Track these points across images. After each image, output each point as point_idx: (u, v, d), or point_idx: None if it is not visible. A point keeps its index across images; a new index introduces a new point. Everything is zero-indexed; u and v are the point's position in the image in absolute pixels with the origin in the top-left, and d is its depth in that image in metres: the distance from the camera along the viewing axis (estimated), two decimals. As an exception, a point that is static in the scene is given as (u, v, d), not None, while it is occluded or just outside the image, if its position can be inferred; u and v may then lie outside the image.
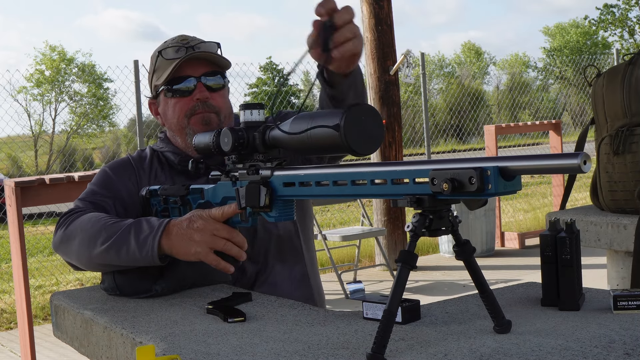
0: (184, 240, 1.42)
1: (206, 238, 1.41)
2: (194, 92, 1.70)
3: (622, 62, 2.08)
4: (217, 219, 1.43)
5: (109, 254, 1.48)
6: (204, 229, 1.42)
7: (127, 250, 1.46)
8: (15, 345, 4.59)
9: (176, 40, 1.75)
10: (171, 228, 1.45)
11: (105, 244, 1.48)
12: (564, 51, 43.36)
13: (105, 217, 1.56)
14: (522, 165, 0.91)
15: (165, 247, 1.45)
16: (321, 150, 1.12)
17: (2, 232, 9.13)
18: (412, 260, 0.99)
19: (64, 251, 1.61)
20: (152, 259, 1.45)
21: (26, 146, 22.32)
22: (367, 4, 6.29)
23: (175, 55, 1.70)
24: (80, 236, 1.54)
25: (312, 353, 1.08)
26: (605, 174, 2.07)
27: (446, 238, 6.57)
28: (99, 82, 28.68)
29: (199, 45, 1.71)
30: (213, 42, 1.75)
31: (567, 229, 1.21)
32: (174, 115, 1.73)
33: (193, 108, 1.71)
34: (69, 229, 1.58)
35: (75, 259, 1.58)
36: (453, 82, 35.15)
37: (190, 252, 1.42)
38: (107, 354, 1.37)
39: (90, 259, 1.53)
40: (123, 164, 1.78)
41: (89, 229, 1.53)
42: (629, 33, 30.59)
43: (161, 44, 1.77)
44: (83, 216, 1.58)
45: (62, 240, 1.59)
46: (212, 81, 1.72)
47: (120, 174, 1.74)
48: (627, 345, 0.99)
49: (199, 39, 1.75)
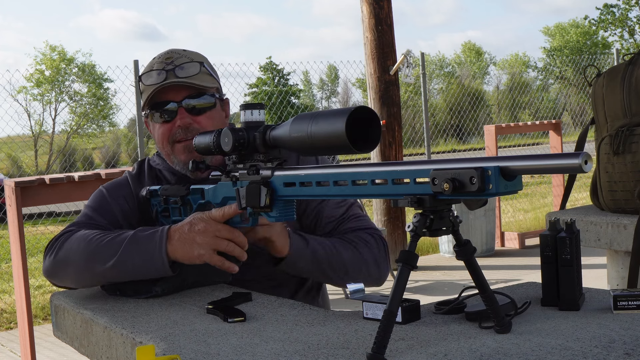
0: (186, 244, 1.42)
1: (208, 240, 1.41)
2: (175, 118, 1.64)
3: (622, 62, 2.08)
4: (218, 220, 1.43)
5: (112, 273, 1.47)
6: (205, 231, 1.42)
7: (132, 266, 1.45)
8: (15, 345, 4.59)
9: (162, 58, 1.67)
10: (172, 234, 1.44)
11: (106, 263, 1.46)
12: (564, 51, 43.36)
13: (96, 235, 1.51)
14: (523, 165, 0.91)
15: (170, 254, 1.44)
16: (322, 150, 1.12)
17: (2, 232, 9.13)
18: (412, 260, 0.99)
19: (59, 278, 1.57)
20: (163, 270, 1.45)
21: (26, 146, 22.32)
22: (367, 4, 6.29)
23: (156, 79, 1.63)
24: (75, 261, 1.51)
25: (312, 353, 1.08)
26: (605, 174, 2.06)
27: (446, 238, 6.57)
28: (99, 82, 28.68)
29: (183, 66, 1.63)
30: (196, 61, 1.66)
31: (567, 229, 1.21)
32: (159, 140, 1.68)
33: (174, 135, 1.64)
34: (60, 255, 1.54)
35: (72, 283, 1.56)
36: (453, 82, 35.16)
37: (193, 255, 1.43)
38: (107, 354, 1.37)
39: (91, 281, 1.52)
40: (120, 185, 1.74)
41: (83, 251, 1.49)
42: (629, 33, 30.59)
43: (149, 63, 1.70)
44: (71, 238, 1.54)
45: (55, 267, 1.55)
46: (196, 102, 1.64)
47: (116, 195, 1.70)
48: (627, 345, 0.99)
49: (185, 58, 1.67)
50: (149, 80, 1.65)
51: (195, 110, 1.64)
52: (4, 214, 4.21)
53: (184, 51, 1.70)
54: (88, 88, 29.00)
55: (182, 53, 1.69)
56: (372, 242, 1.61)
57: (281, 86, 34.42)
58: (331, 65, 37.90)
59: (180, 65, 1.64)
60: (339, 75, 53.74)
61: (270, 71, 36.35)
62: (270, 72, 36.43)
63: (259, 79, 35.79)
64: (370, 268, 1.60)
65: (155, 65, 1.67)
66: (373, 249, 1.60)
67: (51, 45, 31.00)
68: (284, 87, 33.25)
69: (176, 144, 1.65)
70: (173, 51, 1.70)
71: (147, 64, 1.71)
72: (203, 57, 1.72)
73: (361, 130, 1.09)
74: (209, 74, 1.68)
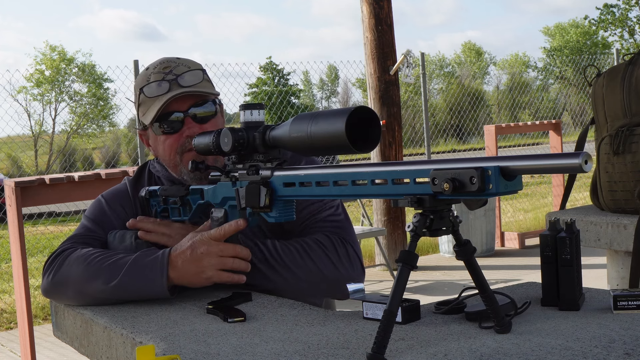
0: (192, 269, 1.42)
1: (214, 261, 1.42)
2: (182, 128, 1.60)
3: (622, 62, 2.08)
4: (219, 239, 1.42)
5: (111, 295, 1.47)
6: (209, 253, 1.41)
7: (132, 291, 1.45)
8: (15, 345, 4.59)
9: (158, 69, 1.62)
10: (175, 260, 1.43)
11: (106, 286, 1.45)
12: (564, 51, 43.37)
13: (96, 256, 1.50)
14: (523, 165, 0.91)
15: (175, 279, 1.44)
16: (322, 150, 1.12)
17: (2, 232, 9.13)
18: (412, 260, 0.99)
19: (58, 298, 1.57)
20: (163, 295, 1.44)
21: (26, 146, 22.32)
22: (367, 4, 6.29)
23: (158, 91, 1.58)
24: (74, 282, 1.49)
25: (312, 353, 1.08)
26: (605, 174, 2.06)
27: (446, 238, 6.57)
28: (99, 82, 28.67)
29: (183, 76, 1.60)
30: (198, 69, 1.63)
31: (567, 229, 1.21)
32: (164, 152, 1.63)
33: (183, 145, 1.60)
34: (59, 276, 1.52)
35: (73, 302, 1.55)
36: (453, 82, 35.16)
37: (202, 278, 1.43)
38: (107, 354, 1.37)
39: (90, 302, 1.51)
40: (119, 193, 1.72)
41: (83, 273, 1.48)
42: (629, 33, 30.58)
43: (143, 74, 1.64)
44: (69, 258, 1.52)
45: (53, 287, 1.54)
46: (201, 111, 1.61)
47: (115, 205, 1.69)
48: (627, 345, 0.99)
49: (183, 66, 1.62)
50: (151, 92, 1.60)
51: (201, 119, 1.61)
52: (4, 214, 4.21)
53: (178, 59, 1.66)
54: (88, 88, 28.99)
55: (177, 61, 1.64)
56: (327, 243, 1.54)
57: (281, 86, 34.42)
58: (331, 65, 37.97)
59: (182, 75, 1.60)
60: (339, 75, 53.82)
61: (270, 71, 36.36)
62: (270, 72, 36.43)
63: (259, 79, 35.80)
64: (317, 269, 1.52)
65: (153, 76, 1.61)
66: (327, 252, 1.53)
67: (51, 45, 31.00)
68: (284, 87, 33.25)
69: (185, 153, 1.61)
70: (168, 60, 1.65)
71: (141, 75, 1.65)
72: (199, 64, 1.68)
73: (361, 130, 1.09)
74: (208, 81, 1.65)
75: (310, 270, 1.51)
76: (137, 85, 1.66)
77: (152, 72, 1.63)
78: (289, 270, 1.50)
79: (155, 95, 1.59)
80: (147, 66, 1.67)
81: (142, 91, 1.62)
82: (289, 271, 1.50)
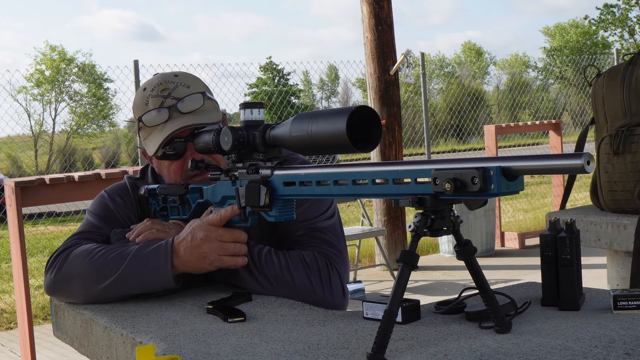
0: (194, 255, 1.43)
1: (214, 247, 1.43)
2: (185, 153, 1.57)
3: (622, 62, 2.08)
4: (217, 224, 1.43)
5: (115, 288, 1.47)
6: (208, 239, 1.42)
7: (137, 282, 1.45)
8: (15, 345, 4.59)
9: (156, 91, 1.56)
10: (178, 247, 1.44)
11: (110, 279, 1.46)
12: (564, 51, 43.37)
13: (99, 250, 1.50)
14: (525, 165, 0.91)
15: (179, 267, 1.45)
16: (323, 149, 1.12)
17: (2, 232, 9.13)
18: (413, 260, 0.99)
19: (62, 295, 1.56)
20: (168, 284, 1.45)
21: (26, 146, 22.31)
22: (367, 4, 6.29)
23: (157, 119, 1.54)
24: (78, 278, 1.49)
25: (312, 353, 1.08)
26: (605, 174, 2.06)
27: (446, 238, 6.57)
28: (99, 82, 28.67)
29: (183, 100, 1.54)
30: (197, 92, 1.57)
31: (567, 229, 1.21)
32: (169, 176, 1.61)
33: (188, 171, 1.57)
34: (62, 273, 1.52)
35: (76, 299, 1.55)
36: (453, 82, 35.17)
37: (204, 264, 1.44)
38: (107, 354, 1.37)
39: (94, 297, 1.51)
40: (121, 189, 1.72)
41: (86, 268, 1.48)
42: (629, 33, 30.59)
43: (140, 96, 1.59)
44: (72, 254, 1.52)
45: (56, 284, 1.53)
46: None
47: (117, 200, 1.69)
48: (627, 345, 0.99)
49: (182, 87, 1.57)
50: (150, 121, 1.55)
51: None
52: (4, 214, 4.21)
53: (176, 77, 1.60)
54: (88, 88, 28.98)
55: (175, 80, 1.58)
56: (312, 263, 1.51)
57: (281, 86, 34.43)
58: (331, 65, 37.93)
59: (182, 100, 1.55)
60: (339, 75, 53.85)
61: (270, 71, 36.38)
62: (270, 72, 36.45)
63: (259, 79, 35.82)
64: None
65: (151, 101, 1.56)
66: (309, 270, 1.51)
67: (51, 45, 31.00)
68: (284, 87, 33.25)
69: (191, 178, 1.59)
70: (165, 80, 1.59)
71: (138, 96, 1.60)
72: (200, 83, 1.61)
73: (362, 130, 1.09)
74: (210, 99, 1.59)
75: (287, 284, 1.50)
76: (135, 110, 1.61)
77: (149, 94, 1.57)
78: (266, 278, 1.50)
79: (154, 125, 1.55)
80: (144, 85, 1.62)
81: (141, 120, 1.58)
82: (266, 279, 1.50)
